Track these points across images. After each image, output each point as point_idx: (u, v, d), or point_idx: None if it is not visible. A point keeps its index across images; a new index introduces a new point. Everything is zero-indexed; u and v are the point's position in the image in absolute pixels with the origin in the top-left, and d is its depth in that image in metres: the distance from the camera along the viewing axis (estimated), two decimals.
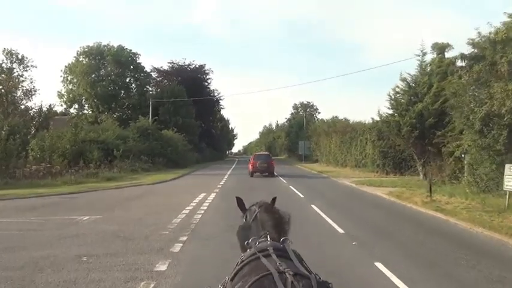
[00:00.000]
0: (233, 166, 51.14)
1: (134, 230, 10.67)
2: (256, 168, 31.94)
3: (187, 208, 14.62)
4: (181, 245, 9.08)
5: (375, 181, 24.88)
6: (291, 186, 23.12)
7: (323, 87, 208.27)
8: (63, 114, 53.85)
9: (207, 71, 68.59)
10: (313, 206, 15.26)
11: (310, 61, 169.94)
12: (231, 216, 9.48)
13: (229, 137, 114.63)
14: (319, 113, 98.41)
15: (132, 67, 59.54)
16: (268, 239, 2.39)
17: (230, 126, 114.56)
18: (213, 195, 18.83)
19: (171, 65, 66.21)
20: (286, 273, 1.94)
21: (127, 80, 60.00)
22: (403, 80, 25.48)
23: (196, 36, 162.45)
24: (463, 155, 21.79)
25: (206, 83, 69.02)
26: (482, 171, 17.17)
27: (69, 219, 12.27)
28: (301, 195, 18.94)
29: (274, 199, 2.86)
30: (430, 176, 16.83)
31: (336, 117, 62.60)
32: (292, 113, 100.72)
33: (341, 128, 45.78)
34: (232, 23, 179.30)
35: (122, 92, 59.17)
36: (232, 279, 2.20)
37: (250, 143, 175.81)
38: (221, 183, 25.07)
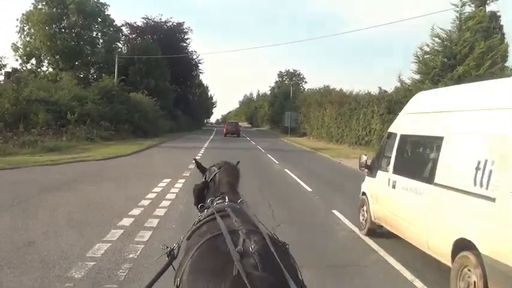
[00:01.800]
0: (211, 137, 44.97)
1: None
2: (228, 131, 49.59)
3: (130, 213, 8.70)
4: None
5: None
6: (286, 170, 17.42)
7: (309, 55, 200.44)
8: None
9: (185, 30, 61.78)
10: (336, 213, 9.57)
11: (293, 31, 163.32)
12: None
13: (207, 104, 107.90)
14: (305, 82, 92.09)
15: (99, 20, 51.93)
16: (226, 200, 2.43)
17: (209, 94, 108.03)
18: (180, 182, 12.91)
19: (145, 21, 59.03)
20: (239, 231, 1.93)
21: (93, 35, 52.36)
22: (436, 36, 19.62)
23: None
24: None
25: (184, 44, 62.30)
26: None
27: None
28: (308, 188, 13.20)
29: (237, 163, 3.04)
30: None
31: (328, 86, 56.53)
32: (277, 82, 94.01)
33: (337, 99, 39.72)
34: None
35: (87, 48, 51.70)
36: (188, 238, 2.20)
37: (229, 112, 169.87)
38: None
